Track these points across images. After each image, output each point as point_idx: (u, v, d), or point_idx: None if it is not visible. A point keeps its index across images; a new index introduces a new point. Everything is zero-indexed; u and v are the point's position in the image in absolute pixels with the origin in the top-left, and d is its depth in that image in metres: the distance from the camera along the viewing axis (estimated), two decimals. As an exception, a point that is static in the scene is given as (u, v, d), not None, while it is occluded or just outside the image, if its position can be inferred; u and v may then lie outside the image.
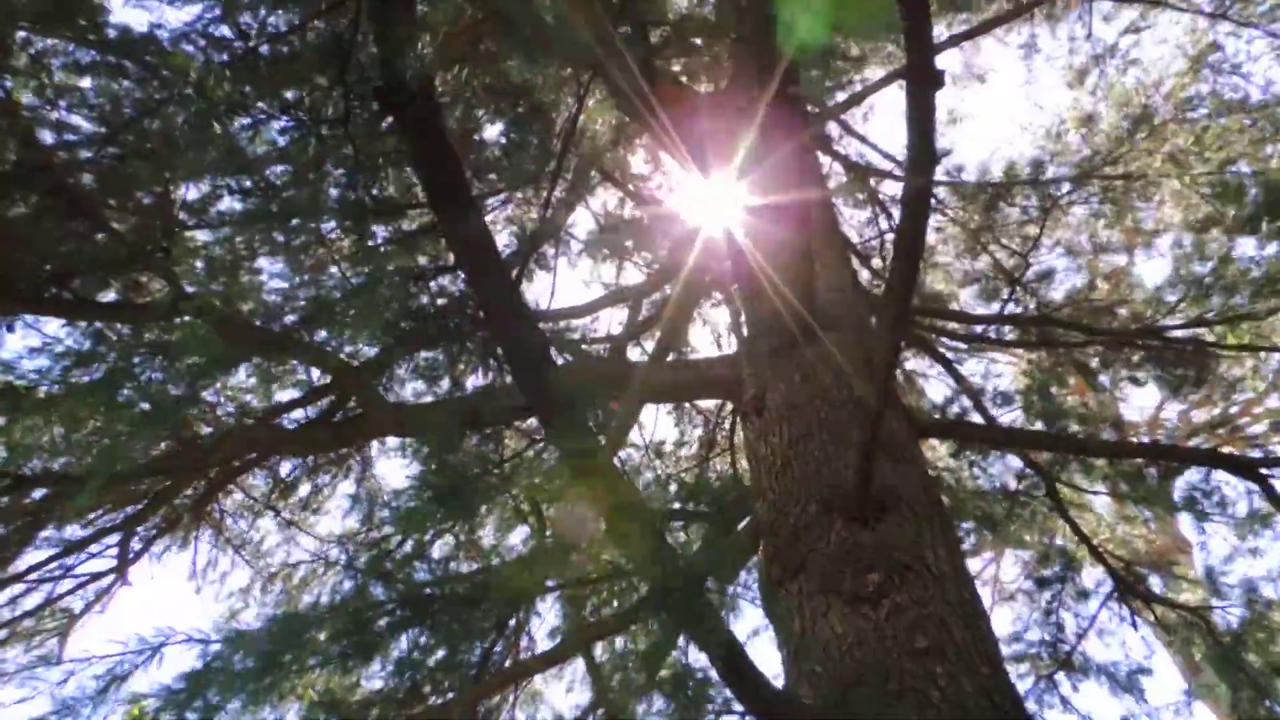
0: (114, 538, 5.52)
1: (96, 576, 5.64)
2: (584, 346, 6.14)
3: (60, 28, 3.93)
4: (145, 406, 5.08)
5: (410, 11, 2.01)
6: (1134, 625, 6.22)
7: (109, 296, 4.56)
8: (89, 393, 4.53)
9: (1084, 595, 6.74)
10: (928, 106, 2.09)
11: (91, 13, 3.87)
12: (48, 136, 3.91)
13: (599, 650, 5.01)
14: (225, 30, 3.92)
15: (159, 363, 4.46)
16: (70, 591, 5.61)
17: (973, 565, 9.79)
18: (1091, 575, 6.81)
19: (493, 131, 4.98)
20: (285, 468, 6.42)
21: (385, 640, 2.51)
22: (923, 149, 2.13)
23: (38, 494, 4.61)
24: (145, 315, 4.40)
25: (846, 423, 3.24)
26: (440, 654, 3.63)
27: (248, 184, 4.34)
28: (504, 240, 5.27)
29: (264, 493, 6.46)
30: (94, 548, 5.46)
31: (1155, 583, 6.79)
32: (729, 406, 7.31)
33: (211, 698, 2.50)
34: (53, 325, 4.33)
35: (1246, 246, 6.37)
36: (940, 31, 7.34)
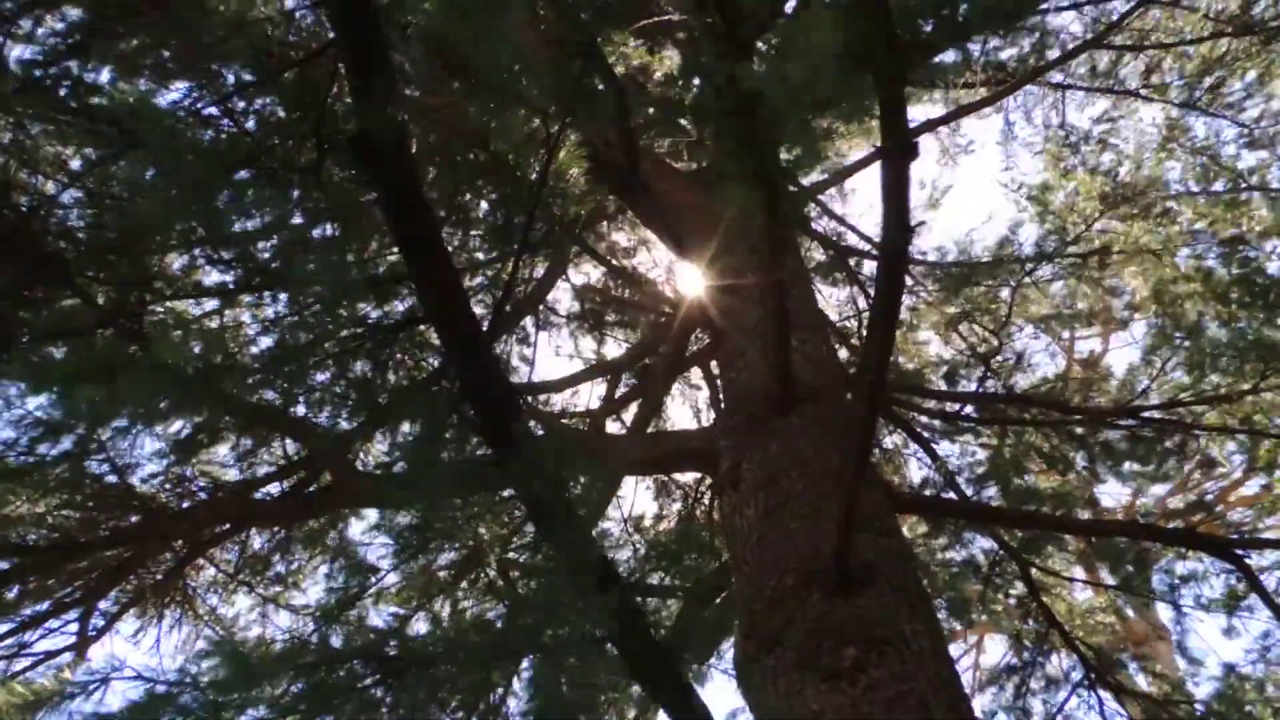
0: (74, 613, 5.35)
1: (54, 654, 5.45)
2: (563, 420, 6.11)
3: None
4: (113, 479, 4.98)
5: (386, 66, 2.04)
6: (1102, 715, 6.07)
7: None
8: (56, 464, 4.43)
9: (1053, 683, 6.61)
10: (902, 176, 2.13)
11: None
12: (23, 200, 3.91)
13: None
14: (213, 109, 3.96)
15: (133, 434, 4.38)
16: (27, 669, 5.41)
17: (955, 648, 9.65)
18: (1065, 661, 6.69)
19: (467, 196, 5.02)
20: (257, 542, 6.28)
21: (345, 690, 2.40)
22: (897, 217, 2.16)
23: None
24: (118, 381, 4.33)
25: (823, 495, 3.20)
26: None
27: (228, 256, 4.32)
28: (479, 311, 5.27)
29: (236, 567, 6.29)
30: (53, 623, 5.29)
31: (1131, 670, 6.68)
32: (708, 481, 7.26)
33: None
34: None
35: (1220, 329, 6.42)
36: (915, 114, 7.52)
